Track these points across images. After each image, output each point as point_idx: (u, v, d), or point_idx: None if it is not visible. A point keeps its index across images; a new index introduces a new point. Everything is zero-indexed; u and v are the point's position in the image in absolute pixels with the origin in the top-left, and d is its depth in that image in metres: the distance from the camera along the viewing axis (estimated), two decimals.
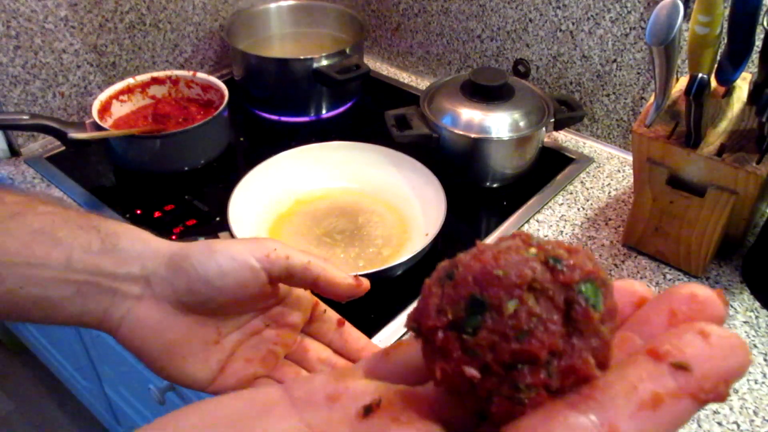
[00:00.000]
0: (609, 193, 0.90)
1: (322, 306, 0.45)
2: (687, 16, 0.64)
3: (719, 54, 0.68)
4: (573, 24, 0.95)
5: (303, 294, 0.44)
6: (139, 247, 0.39)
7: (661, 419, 0.20)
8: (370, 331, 0.69)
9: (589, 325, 0.21)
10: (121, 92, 0.97)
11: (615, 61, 0.94)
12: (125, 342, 0.39)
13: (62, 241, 0.38)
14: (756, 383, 0.65)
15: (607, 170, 0.94)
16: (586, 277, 0.22)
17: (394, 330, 0.70)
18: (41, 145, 1.00)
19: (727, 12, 0.63)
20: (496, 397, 0.21)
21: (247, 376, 0.41)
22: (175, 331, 0.39)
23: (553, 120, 0.90)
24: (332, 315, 0.46)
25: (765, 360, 0.67)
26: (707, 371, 0.20)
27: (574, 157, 0.97)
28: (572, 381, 0.21)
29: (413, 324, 0.24)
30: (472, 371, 0.21)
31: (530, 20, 0.99)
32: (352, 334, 0.45)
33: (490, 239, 0.82)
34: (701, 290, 0.23)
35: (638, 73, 0.92)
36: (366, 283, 0.42)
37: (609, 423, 0.20)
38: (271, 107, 1.09)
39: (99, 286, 0.38)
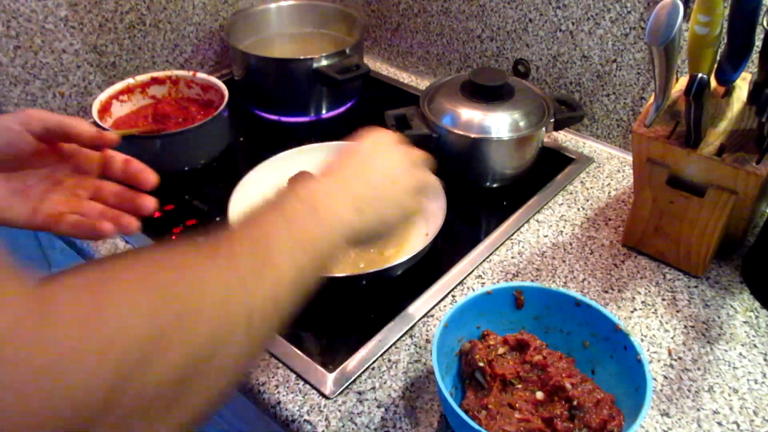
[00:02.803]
0: (609, 193, 0.90)
1: (109, 153, 0.60)
2: (687, 16, 0.64)
3: (719, 54, 0.68)
4: (573, 24, 0.95)
5: (93, 152, 0.59)
6: None
7: None
8: (371, 331, 0.69)
9: None
10: (121, 92, 0.97)
11: (615, 61, 0.94)
12: None
13: None
14: (756, 383, 0.65)
15: (607, 170, 0.95)
16: None
17: (395, 330, 0.70)
18: None
19: (727, 12, 0.63)
20: None
21: (56, 214, 0.56)
22: None
23: (553, 120, 0.90)
24: (118, 156, 0.60)
25: (765, 360, 0.67)
26: None
27: (574, 157, 0.97)
28: None
29: None
30: None
31: (530, 20, 0.99)
32: (137, 166, 0.60)
33: (490, 240, 0.82)
34: None
35: (638, 73, 0.92)
36: (109, 135, 0.59)
37: None
38: (271, 107, 1.09)
39: None
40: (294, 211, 0.45)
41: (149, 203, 0.59)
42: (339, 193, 0.48)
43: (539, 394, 0.57)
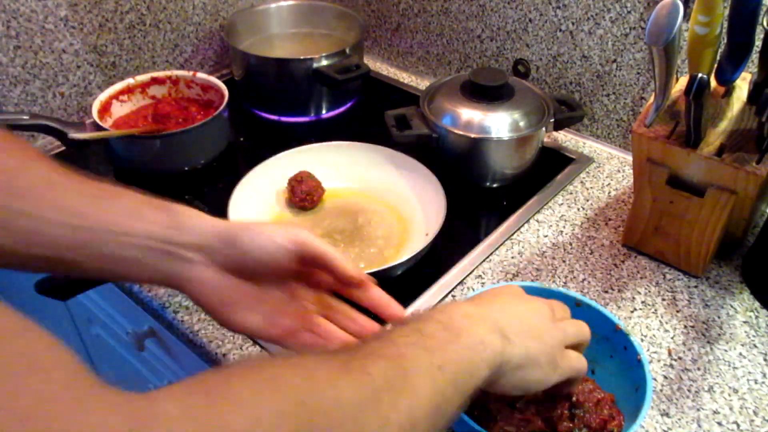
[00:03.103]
0: (609, 193, 0.90)
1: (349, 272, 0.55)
2: (687, 16, 0.64)
3: (719, 54, 0.68)
4: (573, 24, 0.95)
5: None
6: (198, 222, 0.50)
7: None
8: None
9: None
10: (121, 92, 0.97)
11: (615, 61, 0.94)
12: (194, 297, 0.51)
13: (145, 217, 0.48)
14: (756, 383, 0.65)
15: (607, 170, 0.95)
16: None
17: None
18: (41, 145, 1.00)
19: (727, 12, 0.63)
20: None
21: (288, 327, 0.53)
22: (229, 289, 0.51)
23: (553, 120, 0.90)
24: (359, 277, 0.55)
25: (765, 360, 0.67)
26: None
27: (574, 157, 0.97)
28: None
29: None
30: None
31: (530, 20, 0.99)
32: (375, 293, 0.55)
33: (490, 240, 0.82)
34: None
35: (638, 73, 0.92)
36: (367, 279, 0.53)
37: None
38: (271, 107, 1.09)
39: (171, 252, 0.49)
40: (432, 332, 0.42)
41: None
42: (482, 318, 0.45)
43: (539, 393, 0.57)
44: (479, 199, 0.91)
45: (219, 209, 0.82)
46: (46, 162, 0.48)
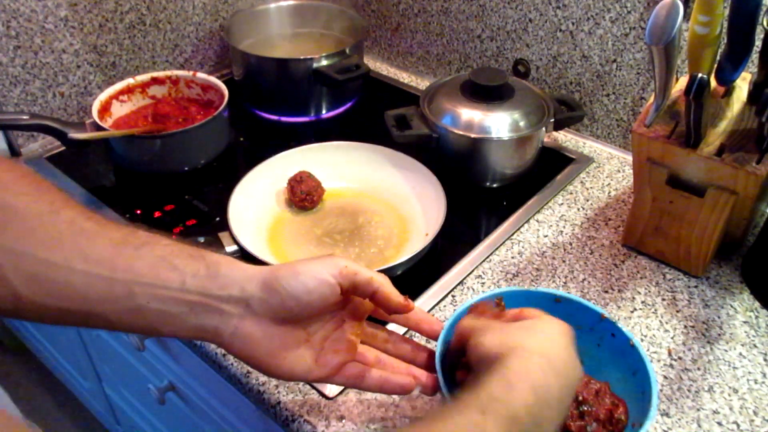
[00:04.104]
0: (609, 193, 0.90)
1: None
2: (687, 16, 0.64)
3: (719, 54, 0.68)
4: (573, 24, 0.95)
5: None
6: (236, 273, 0.47)
7: None
8: None
9: None
10: (121, 92, 0.97)
11: (615, 61, 0.94)
12: (236, 353, 0.49)
13: (178, 267, 0.46)
14: (756, 383, 0.65)
15: (607, 170, 0.95)
16: None
17: (394, 330, 0.70)
18: (41, 145, 1.00)
19: (727, 12, 0.63)
20: None
21: (337, 364, 0.52)
22: (274, 339, 0.48)
23: (553, 120, 0.90)
24: (406, 303, 0.54)
25: (765, 360, 0.67)
26: None
27: (574, 157, 0.97)
28: None
29: None
30: None
31: (530, 20, 0.99)
32: (415, 314, 0.55)
33: (489, 240, 0.82)
34: None
35: (638, 73, 0.92)
36: (413, 305, 0.53)
37: None
38: (271, 107, 1.09)
39: (208, 305, 0.46)
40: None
41: (422, 362, 0.56)
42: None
43: None
44: (479, 199, 0.91)
45: (219, 209, 0.82)
46: (76, 207, 0.45)
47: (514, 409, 0.41)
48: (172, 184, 0.93)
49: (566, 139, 1.01)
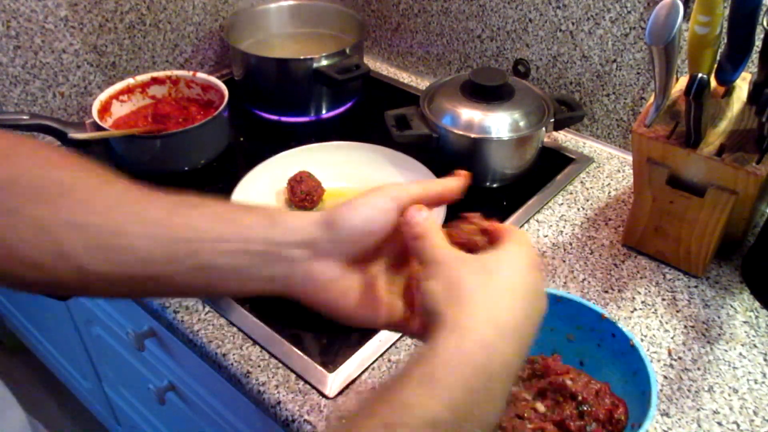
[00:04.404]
0: (609, 193, 0.90)
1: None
2: (687, 16, 0.64)
3: (719, 54, 0.68)
4: (573, 24, 0.95)
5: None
6: (297, 220, 0.46)
7: None
8: (371, 331, 0.69)
9: None
10: (121, 92, 0.97)
11: (615, 61, 0.94)
12: (309, 300, 0.47)
13: (236, 220, 0.45)
14: (756, 383, 0.65)
15: (607, 170, 0.95)
16: None
17: None
18: None
19: (727, 12, 0.63)
20: None
21: (405, 313, 0.48)
22: (343, 281, 0.46)
23: (553, 120, 0.90)
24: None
25: (765, 360, 0.67)
26: None
27: (574, 157, 0.97)
28: None
29: None
30: None
31: (530, 20, 0.99)
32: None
33: None
34: None
35: (638, 73, 0.92)
36: (464, 172, 0.52)
37: None
38: (271, 107, 1.09)
39: (275, 253, 0.45)
40: None
41: None
42: None
43: (539, 406, 0.57)
44: (479, 199, 0.91)
45: None
46: (126, 180, 0.45)
47: (433, 414, 0.36)
48: (172, 184, 0.92)
49: (566, 139, 1.01)
